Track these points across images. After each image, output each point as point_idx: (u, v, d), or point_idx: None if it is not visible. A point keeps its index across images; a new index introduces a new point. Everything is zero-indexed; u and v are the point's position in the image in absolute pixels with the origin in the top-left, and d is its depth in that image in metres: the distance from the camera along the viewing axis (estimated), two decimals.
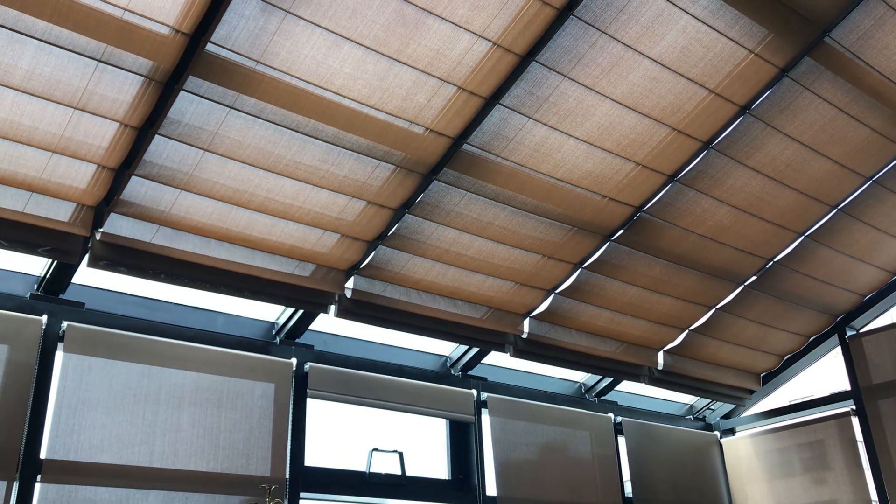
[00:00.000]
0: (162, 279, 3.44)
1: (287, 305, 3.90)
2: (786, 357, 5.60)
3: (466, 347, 4.68)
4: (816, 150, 4.01)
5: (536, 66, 3.23)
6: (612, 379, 5.24)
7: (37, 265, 3.48)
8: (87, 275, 3.55)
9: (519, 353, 4.55)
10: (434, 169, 3.53)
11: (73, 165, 3.01)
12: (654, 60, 3.34)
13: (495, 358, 4.86)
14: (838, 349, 5.44)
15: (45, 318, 3.37)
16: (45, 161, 2.96)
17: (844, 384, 5.36)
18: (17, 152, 2.91)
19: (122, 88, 2.83)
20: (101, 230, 3.23)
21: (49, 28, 2.59)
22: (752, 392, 5.72)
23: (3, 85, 2.71)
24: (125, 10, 2.61)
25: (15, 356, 3.23)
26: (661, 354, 5.12)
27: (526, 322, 4.51)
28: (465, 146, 3.46)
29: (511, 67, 3.19)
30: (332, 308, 3.91)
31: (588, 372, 5.18)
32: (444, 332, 4.29)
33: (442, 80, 3.16)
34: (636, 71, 3.36)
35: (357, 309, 3.96)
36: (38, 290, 3.46)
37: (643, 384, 5.17)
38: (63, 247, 3.17)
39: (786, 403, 5.71)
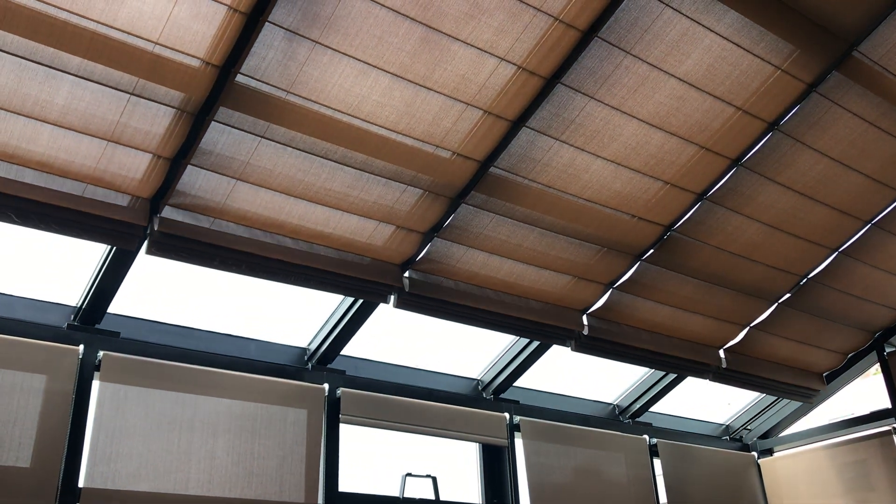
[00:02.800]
0: (218, 266, 3.35)
1: (347, 294, 3.81)
2: (824, 375, 5.50)
3: (499, 369, 4.67)
4: (848, 164, 3.96)
5: (562, 87, 3.24)
6: (675, 375, 5.06)
7: (73, 296, 3.54)
8: (122, 304, 3.61)
9: (581, 347, 4.40)
10: (462, 192, 3.54)
11: (108, 196, 3.07)
12: (680, 79, 3.34)
13: (527, 380, 4.84)
14: (878, 366, 5.34)
15: (81, 347, 3.42)
16: (80, 192, 3.01)
17: (885, 402, 5.25)
18: (55, 185, 2.96)
19: (155, 121, 2.88)
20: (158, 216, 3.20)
21: (84, 64, 2.65)
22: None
23: (40, 120, 2.77)
24: (156, 43, 2.66)
25: (53, 386, 3.28)
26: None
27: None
28: (492, 169, 3.48)
29: (537, 90, 3.21)
30: (392, 298, 3.79)
31: (652, 368, 4.97)
32: (506, 324, 4.13)
33: (468, 104, 3.18)
34: (662, 90, 3.36)
35: (417, 298, 3.83)
36: (74, 320, 3.51)
37: (708, 380, 4.96)
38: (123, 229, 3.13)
39: (825, 422, 5.60)
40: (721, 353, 4.95)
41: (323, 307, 4.05)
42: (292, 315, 4.14)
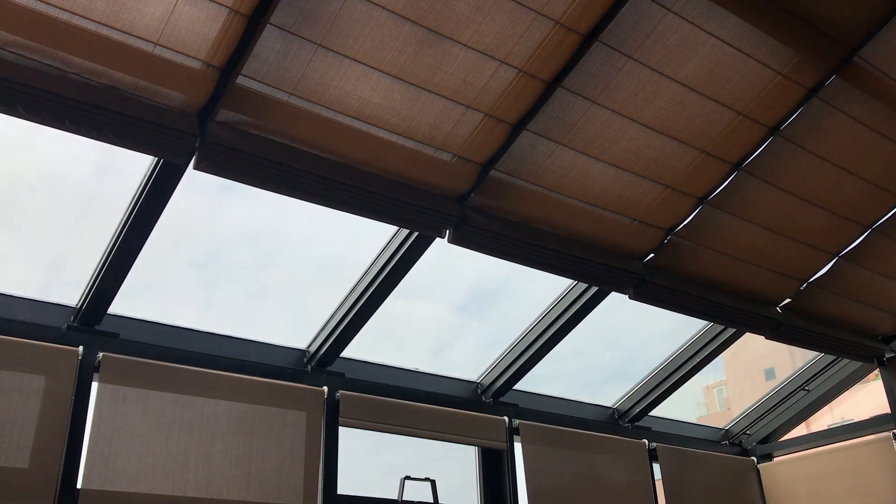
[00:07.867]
0: (270, 187, 3.11)
1: (401, 226, 3.61)
2: None
3: (499, 373, 4.67)
4: (848, 169, 3.96)
5: (563, 91, 3.24)
6: (734, 331, 4.92)
7: (73, 297, 3.54)
8: (122, 305, 3.61)
9: (638, 295, 4.15)
10: (462, 196, 3.54)
11: None
12: (681, 83, 3.34)
13: (527, 384, 4.84)
14: (878, 371, 5.34)
15: (81, 349, 3.42)
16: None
17: (885, 407, 5.25)
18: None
19: None
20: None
21: (85, 65, 2.65)
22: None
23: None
24: (156, 44, 2.66)
25: (52, 387, 3.28)
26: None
27: None
28: (492, 172, 3.47)
29: (538, 94, 3.21)
30: (448, 232, 3.53)
31: (711, 321, 4.81)
32: (562, 262, 3.83)
33: (469, 107, 3.18)
34: (663, 94, 3.36)
35: (481, 228, 3.55)
36: (74, 321, 3.51)
37: (764, 337, 4.74)
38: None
39: (825, 427, 5.60)
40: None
41: (322, 309, 4.05)
42: (292, 317, 4.14)
